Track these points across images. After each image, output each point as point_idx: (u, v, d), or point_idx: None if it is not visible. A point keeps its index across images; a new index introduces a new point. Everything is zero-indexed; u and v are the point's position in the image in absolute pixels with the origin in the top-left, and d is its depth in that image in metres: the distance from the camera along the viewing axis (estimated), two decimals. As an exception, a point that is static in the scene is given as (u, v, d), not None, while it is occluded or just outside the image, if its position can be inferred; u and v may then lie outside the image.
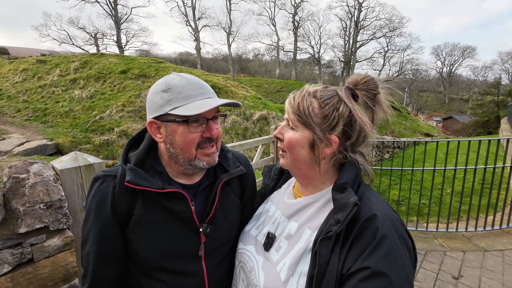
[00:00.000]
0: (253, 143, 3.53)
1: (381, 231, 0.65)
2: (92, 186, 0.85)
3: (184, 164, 0.84)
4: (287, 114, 0.81)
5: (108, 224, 0.81)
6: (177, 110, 0.77)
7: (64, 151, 7.86)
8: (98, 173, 0.86)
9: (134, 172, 0.80)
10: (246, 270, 0.86)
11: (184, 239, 0.86)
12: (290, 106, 0.80)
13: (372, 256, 0.63)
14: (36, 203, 1.32)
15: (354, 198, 0.69)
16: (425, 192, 4.95)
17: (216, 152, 0.88)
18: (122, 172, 0.83)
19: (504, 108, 23.74)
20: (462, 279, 2.69)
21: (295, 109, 0.78)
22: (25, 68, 13.59)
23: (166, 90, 0.80)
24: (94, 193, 0.83)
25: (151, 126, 0.84)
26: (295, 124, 0.78)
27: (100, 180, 0.84)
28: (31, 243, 1.31)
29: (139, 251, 0.84)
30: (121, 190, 0.81)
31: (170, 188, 0.81)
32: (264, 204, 1.02)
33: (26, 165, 1.45)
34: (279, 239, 0.83)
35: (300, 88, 0.83)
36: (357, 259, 0.64)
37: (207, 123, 0.82)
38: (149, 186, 0.79)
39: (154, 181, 0.81)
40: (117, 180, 0.83)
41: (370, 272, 0.61)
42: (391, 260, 0.62)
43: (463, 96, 61.41)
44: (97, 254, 0.81)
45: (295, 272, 0.72)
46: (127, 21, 33.81)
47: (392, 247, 0.64)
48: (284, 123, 0.83)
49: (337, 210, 0.71)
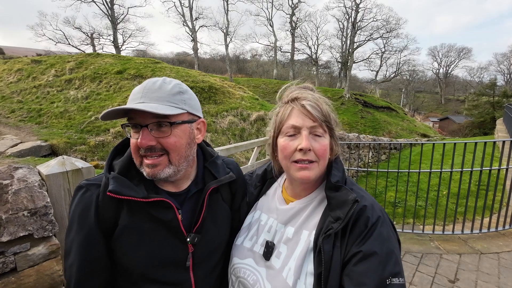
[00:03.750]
0: (248, 145, 3.50)
1: (372, 219, 0.73)
2: (75, 195, 0.82)
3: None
4: (312, 122, 0.78)
5: (92, 234, 0.78)
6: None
7: (59, 152, 7.76)
8: (81, 182, 0.83)
9: (118, 181, 0.77)
10: (248, 284, 0.83)
11: (171, 249, 0.83)
12: (318, 113, 0.78)
13: (364, 242, 0.70)
14: (19, 210, 1.27)
15: (353, 195, 0.74)
16: (421, 194, 4.95)
17: (166, 165, 0.79)
18: (105, 181, 0.80)
19: (499, 109, 23.98)
20: (459, 283, 2.67)
21: (325, 116, 0.80)
22: (19, 68, 13.44)
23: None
24: (77, 202, 0.80)
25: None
26: (324, 130, 0.80)
27: (83, 189, 0.81)
28: (14, 252, 1.27)
29: (125, 261, 0.81)
30: (105, 200, 0.79)
31: (155, 197, 0.78)
32: (252, 213, 0.99)
33: (10, 170, 1.40)
34: (278, 246, 0.83)
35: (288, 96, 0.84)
36: (351, 247, 0.71)
37: (141, 130, 0.76)
38: (133, 196, 0.76)
39: (139, 189, 0.78)
40: (101, 189, 0.80)
41: (362, 255, 0.68)
42: (380, 242, 0.70)
43: (459, 97, 61.98)
44: (80, 266, 0.77)
45: (301, 274, 0.74)
46: (123, 21, 33.57)
47: (381, 231, 0.72)
48: (306, 133, 0.78)
49: (334, 208, 0.76)
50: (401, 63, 46.11)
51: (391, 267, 0.68)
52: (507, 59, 56.40)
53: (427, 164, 5.81)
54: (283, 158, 0.83)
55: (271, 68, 45.18)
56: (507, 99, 24.44)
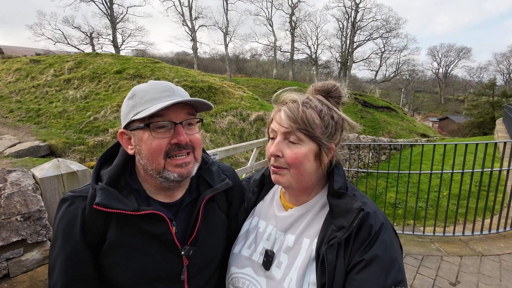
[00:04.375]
0: (247, 146, 3.47)
1: (375, 227, 0.71)
2: (59, 208, 0.76)
3: (156, 177, 0.77)
4: (284, 128, 0.75)
5: (77, 250, 0.73)
6: (138, 115, 0.72)
7: (57, 152, 7.71)
8: (66, 194, 0.78)
9: (106, 193, 0.72)
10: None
11: (164, 263, 0.79)
12: (290, 121, 0.74)
13: (368, 250, 0.68)
14: (12, 214, 1.24)
15: (358, 203, 0.71)
16: (422, 195, 4.92)
17: (194, 163, 0.80)
18: (92, 192, 0.75)
19: (499, 109, 23.98)
20: (460, 285, 2.64)
21: (299, 123, 0.74)
22: (18, 67, 13.38)
23: (131, 96, 0.75)
24: (61, 216, 0.75)
25: (122, 137, 0.78)
26: (299, 138, 0.75)
27: (68, 201, 0.76)
28: (7, 258, 1.24)
29: (114, 277, 0.76)
30: (92, 213, 0.73)
31: (146, 209, 0.74)
32: (250, 219, 0.96)
33: (4, 173, 1.37)
34: (278, 255, 0.80)
35: (280, 98, 0.80)
36: (354, 256, 0.69)
37: (175, 127, 0.74)
38: (122, 209, 0.71)
39: (129, 201, 0.74)
40: (87, 201, 0.75)
41: (365, 263, 0.67)
42: (383, 250, 0.69)
43: (458, 96, 62.02)
44: (65, 284, 0.73)
45: (303, 285, 0.72)
46: (123, 20, 33.56)
47: (384, 239, 0.70)
48: (279, 139, 0.77)
49: (337, 216, 0.73)
50: (400, 63, 46.20)
51: (394, 275, 0.66)
52: (507, 59, 56.52)
53: (427, 164, 5.79)
54: (268, 161, 0.83)
55: (270, 68, 45.12)
56: (506, 99, 24.45)
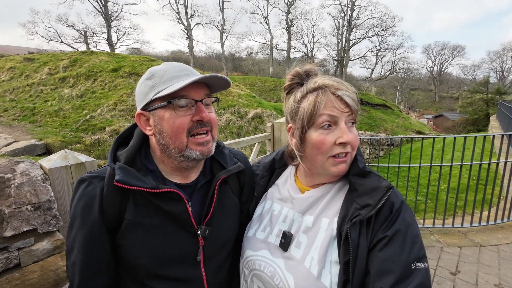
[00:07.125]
0: (249, 140, 3.48)
1: (396, 205, 0.72)
2: (76, 190, 0.77)
3: (176, 156, 0.77)
4: (347, 112, 0.75)
5: (96, 230, 0.74)
6: (161, 93, 0.72)
7: (53, 151, 7.64)
8: (83, 175, 0.78)
9: (125, 171, 0.73)
10: (265, 276, 0.80)
11: (181, 243, 0.79)
12: (354, 103, 0.76)
13: (390, 227, 0.69)
14: (23, 204, 1.23)
15: (386, 182, 0.73)
16: (421, 189, 4.99)
17: (212, 141, 0.81)
18: (111, 171, 0.75)
19: (492, 106, 24.31)
20: (460, 275, 2.69)
21: (358, 104, 0.77)
22: (12, 66, 13.19)
23: (150, 77, 0.76)
24: (79, 197, 0.75)
25: (139, 118, 0.78)
26: (355, 120, 0.79)
27: (86, 182, 0.76)
28: (18, 247, 1.23)
29: (132, 258, 0.77)
30: (110, 192, 0.74)
31: (164, 187, 0.75)
32: (263, 203, 0.96)
33: (12, 164, 1.36)
34: (296, 235, 0.80)
35: (329, 81, 0.77)
36: (377, 233, 0.70)
37: (196, 105, 0.76)
38: (141, 186, 0.72)
39: (147, 180, 0.74)
40: (106, 181, 0.75)
41: (388, 240, 0.68)
42: (406, 224, 0.70)
43: (453, 94, 62.71)
44: (84, 264, 0.73)
45: (325, 263, 0.72)
46: (117, 18, 33.11)
47: (405, 217, 0.71)
48: (345, 126, 0.75)
49: (361, 194, 0.74)
50: (396, 61, 46.51)
51: (417, 251, 0.67)
52: (500, 56, 57.15)
53: (425, 159, 5.86)
54: (319, 154, 0.76)
55: (267, 66, 45.11)
56: (500, 96, 24.80)
